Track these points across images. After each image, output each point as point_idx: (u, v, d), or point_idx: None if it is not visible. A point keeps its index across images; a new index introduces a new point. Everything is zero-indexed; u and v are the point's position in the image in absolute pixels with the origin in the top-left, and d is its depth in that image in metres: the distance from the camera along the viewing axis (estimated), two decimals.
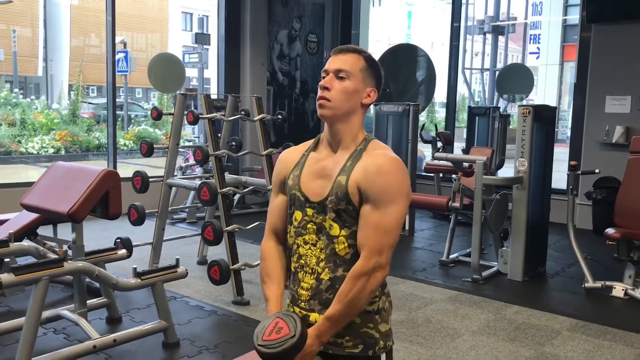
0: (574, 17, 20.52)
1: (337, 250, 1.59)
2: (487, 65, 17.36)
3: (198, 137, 8.30)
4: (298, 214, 1.66)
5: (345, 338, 1.62)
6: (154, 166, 10.07)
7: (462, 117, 14.42)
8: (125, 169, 8.41)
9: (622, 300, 4.57)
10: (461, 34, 9.96)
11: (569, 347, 3.66)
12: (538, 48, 23.02)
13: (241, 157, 7.11)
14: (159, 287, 3.39)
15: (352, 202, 1.57)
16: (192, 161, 7.51)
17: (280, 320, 1.54)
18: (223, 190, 4.27)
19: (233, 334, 3.76)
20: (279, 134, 8.33)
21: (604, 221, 6.61)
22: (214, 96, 7.27)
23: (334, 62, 1.63)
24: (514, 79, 7.86)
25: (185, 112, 4.40)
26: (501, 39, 17.01)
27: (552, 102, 19.35)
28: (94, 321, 3.60)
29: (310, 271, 1.63)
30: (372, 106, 6.88)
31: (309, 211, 1.63)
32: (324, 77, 1.65)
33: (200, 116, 4.32)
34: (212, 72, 11.03)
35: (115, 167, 7.00)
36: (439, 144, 7.47)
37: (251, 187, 4.62)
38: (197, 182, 4.40)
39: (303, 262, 1.64)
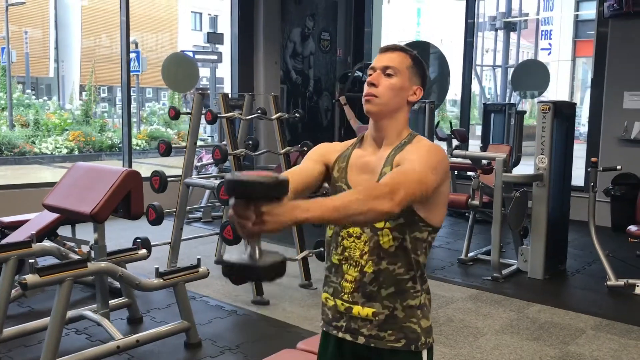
0: (586, 12, 20.40)
1: (381, 242, 1.58)
2: (498, 62, 17.25)
3: (212, 137, 8.29)
4: None
5: (388, 332, 1.60)
6: (167, 165, 10.09)
7: (473, 114, 14.34)
8: (139, 169, 8.41)
9: None
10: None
11: (594, 346, 3.61)
12: (550, 44, 22.84)
13: (256, 156, 7.09)
14: (180, 287, 3.38)
15: None
16: (205, 160, 7.51)
17: (267, 171, 1.28)
18: None
19: (255, 334, 3.74)
20: (293, 133, 8.31)
21: (623, 218, 6.57)
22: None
23: (381, 60, 1.64)
24: (530, 75, 7.79)
25: (204, 112, 4.39)
26: (512, 35, 16.90)
27: (565, 99, 19.19)
28: (115, 321, 3.59)
29: (354, 264, 1.62)
30: None
31: None
32: (370, 75, 1.65)
33: (218, 115, 4.30)
34: (224, 71, 11.04)
35: (130, 166, 7.00)
36: (455, 142, 7.42)
37: None
38: (216, 181, 4.39)
39: (347, 254, 1.63)
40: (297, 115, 4.84)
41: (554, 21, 22.58)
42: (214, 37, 9.29)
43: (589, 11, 19.32)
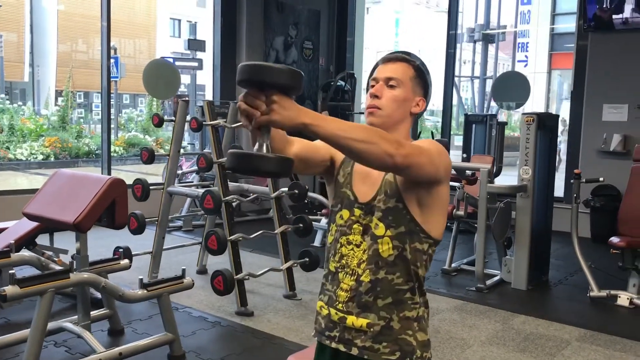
0: (562, 25, 20.76)
1: (380, 251, 1.55)
2: (476, 73, 17.43)
3: (192, 144, 8.20)
4: (345, 213, 1.62)
5: (383, 344, 1.56)
6: (145, 173, 9.95)
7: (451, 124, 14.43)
8: (117, 176, 8.27)
9: (627, 309, 4.55)
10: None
11: (580, 358, 3.62)
12: (526, 56, 23.19)
13: None
14: (165, 298, 3.30)
15: (402, 199, 1.53)
16: (185, 168, 7.42)
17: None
18: (227, 198, 4.19)
19: (239, 346, 3.67)
20: None
21: (603, 229, 6.65)
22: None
23: (383, 71, 1.62)
24: (510, 86, 7.86)
25: (189, 119, 4.32)
26: (491, 47, 17.12)
27: (540, 110, 19.45)
28: (95, 333, 3.49)
29: (350, 272, 1.59)
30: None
31: (357, 212, 1.60)
32: (372, 86, 1.63)
33: (204, 123, 4.24)
34: (204, 79, 10.96)
35: (109, 173, 6.88)
36: None
37: (254, 195, 4.54)
38: (199, 190, 4.32)
39: (344, 262, 1.60)
40: None
41: (530, 34, 22.94)
42: (195, 44, 9.21)
43: (565, 25, 19.69)
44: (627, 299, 4.59)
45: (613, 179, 6.41)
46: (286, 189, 4.63)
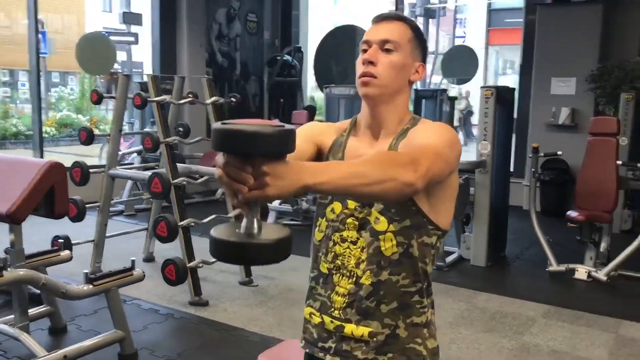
0: (499, 1, 20.99)
1: (382, 249, 1.33)
2: None
3: (131, 123, 7.75)
4: (337, 206, 1.38)
5: (388, 355, 1.36)
6: (79, 154, 9.37)
7: None
8: (55, 160, 7.74)
9: (585, 282, 4.56)
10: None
11: (549, 335, 3.56)
12: (464, 32, 23.39)
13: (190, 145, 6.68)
14: (113, 293, 3.00)
15: None
16: (124, 149, 7.00)
17: (264, 120, 0.99)
18: (176, 181, 3.89)
19: (196, 340, 3.41)
20: (218, 119, 7.89)
21: (553, 202, 6.71)
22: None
23: (378, 32, 1.37)
24: (459, 61, 7.78)
25: (132, 95, 3.96)
26: (432, 23, 17.12)
27: (478, 86, 19.67)
28: (35, 332, 3.16)
29: (348, 274, 1.36)
30: (324, 89, 6.59)
31: (351, 204, 1.36)
32: (365, 50, 1.37)
33: (148, 99, 3.90)
34: (140, 54, 10.39)
35: (42, 156, 6.39)
36: None
37: (205, 177, 4.25)
38: (145, 172, 3.99)
39: (340, 262, 1.37)
40: (233, 99, 4.51)
41: (468, 10, 23.11)
42: (131, 18, 8.62)
43: (502, 0, 19.92)
44: (585, 272, 4.59)
45: (563, 152, 6.43)
46: None
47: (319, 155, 1.43)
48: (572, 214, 4.64)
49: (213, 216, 4.16)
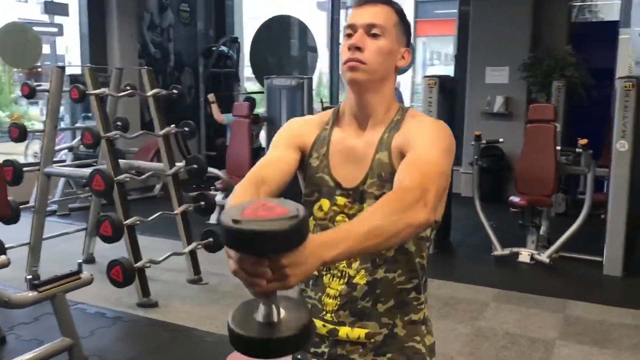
0: None
1: None
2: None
3: (62, 118, 7.34)
4: (325, 203, 1.32)
5: (387, 355, 1.31)
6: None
7: (324, 92, 14.37)
8: None
9: (529, 265, 4.70)
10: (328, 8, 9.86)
11: (501, 318, 3.63)
12: None
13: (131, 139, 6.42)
14: (60, 299, 2.81)
15: None
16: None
17: (271, 202, 0.92)
18: (119, 177, 3.70)
19: (149, 343, 3.27)
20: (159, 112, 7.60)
21: (489, 189, 6.87)
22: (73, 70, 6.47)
23: (362, 15, 1.30)
24: None
25: (69, 88, 3.73)
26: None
27: (408, 77, 20.07)
28: None
29: (339, 274, 1.30)
30: (264, 80, 6.47)
31: (341, 200, 1.30)
32: (349, 35, 1.30)
33: (87, 92, 3.68)
34: (65, 46, 9.89)
35: None
36: None
37: (150, 173, 4.08)
38: (85, 170, 3.78)
39: None
40: (175, 91, 4.33)
41: (396, 1, 23.40)
42: (55, 8, 8.16)
43: None
44: (528, 255, 4.73)
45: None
46: (183, 163, 4.22)
47: (303, 157, 1.36)
48: (514, 199, 4.76)
49: (158, 213, 4.00)
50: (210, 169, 5.75)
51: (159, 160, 6.80)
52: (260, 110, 6.81)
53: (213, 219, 5.74)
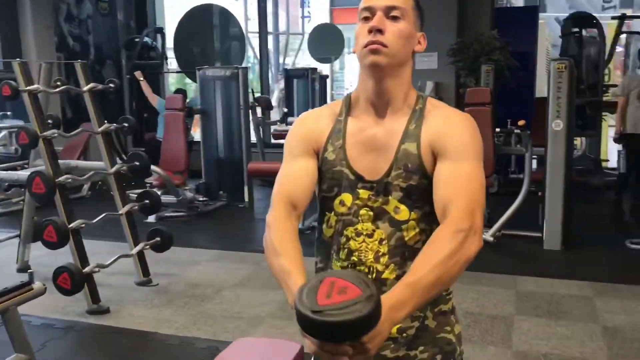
0: None
1: (406, 239, 1.24)
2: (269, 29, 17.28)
3: None
4: (347, 198, 1.27)
5: (420, 349, 1.29)
6: None
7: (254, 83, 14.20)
8: None
9: None
10: None
11: (459, 298, 3.65)
12: (309, 12, 23.70)
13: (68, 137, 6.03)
14: (12, 312, 2.59)
15: (427, 175, 1.23)
16: None
17: (338, 279, 0.92)
18: (61, 179, 3.47)
19: (108, 352, 3.10)
20: (76, 108, 7.20)
21: None
22: None
23: None
24: (324, 40, 7.83)
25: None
26: (281, 1, 17.08)
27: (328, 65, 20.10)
28: None
29: (367, 270, 1.26)
30: (196, 71, 6.29)
31: (363, 193, 1.26)
32: (366, 18, 1.25)
33: (20, 89, 3.41)
34: None
35: None
36: (258, 110, 7.17)
37: (92, 172, 3.85)
38: (22, 172, 3.52)
39: (356, 259, 1.26)
40: (112, 85, 4.11)
41: None
42: None
43: None
44: None
45: None
46: (121, 162, 4.02)
47: (317, 154, 1.31)
48: None
49: (104, 215, 3.79)
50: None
51: (85, 158, 6.49)
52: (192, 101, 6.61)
53: (152, 217, 5.52)
